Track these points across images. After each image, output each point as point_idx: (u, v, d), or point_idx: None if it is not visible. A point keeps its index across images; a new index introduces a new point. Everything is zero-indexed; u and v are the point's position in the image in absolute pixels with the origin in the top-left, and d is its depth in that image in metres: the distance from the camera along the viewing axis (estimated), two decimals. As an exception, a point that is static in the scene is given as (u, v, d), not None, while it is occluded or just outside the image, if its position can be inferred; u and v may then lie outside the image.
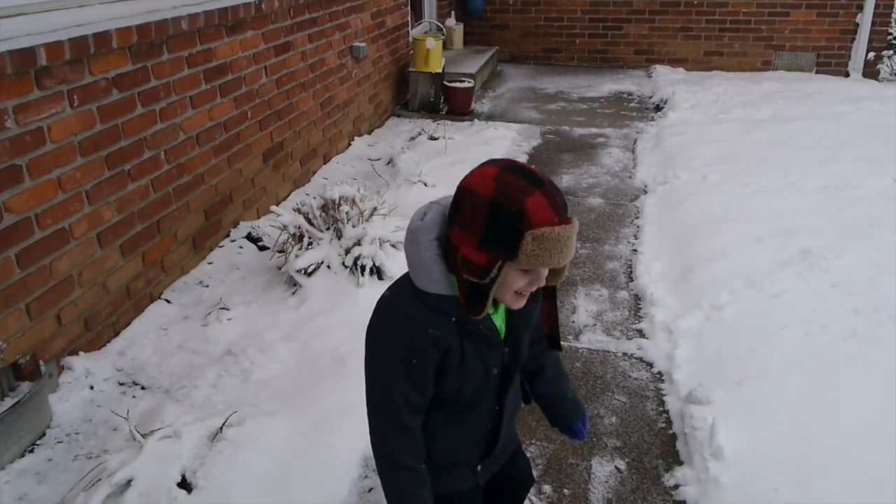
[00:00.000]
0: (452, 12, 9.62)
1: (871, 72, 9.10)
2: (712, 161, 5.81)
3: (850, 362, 3.25)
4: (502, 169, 1.45)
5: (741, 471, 2.64)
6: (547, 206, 1.42)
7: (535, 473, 2.75)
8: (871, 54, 9.10)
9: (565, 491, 2.69)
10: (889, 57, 8.98)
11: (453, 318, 1.56)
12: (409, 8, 7.84)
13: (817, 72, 9.27)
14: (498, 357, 1.68)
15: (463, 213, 1.46)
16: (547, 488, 2.69)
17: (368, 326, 1.63)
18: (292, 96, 5.21)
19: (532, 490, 2.67)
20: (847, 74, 9.20)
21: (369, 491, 2.65)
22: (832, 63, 9.27)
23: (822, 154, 5.96)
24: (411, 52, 7.58)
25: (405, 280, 1.60)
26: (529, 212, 1.40)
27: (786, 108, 7.47)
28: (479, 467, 1.82)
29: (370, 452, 2.75)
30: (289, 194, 5.22)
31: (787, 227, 4.56)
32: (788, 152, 6.02)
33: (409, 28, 7.99)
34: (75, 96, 3.13)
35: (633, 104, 8.16)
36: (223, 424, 2.74)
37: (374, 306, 1.64)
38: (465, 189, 1.47)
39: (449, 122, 7.04)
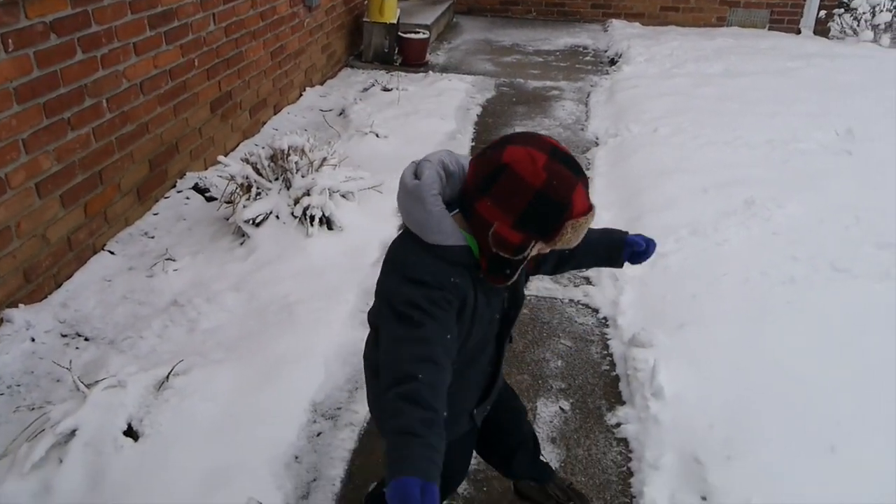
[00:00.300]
0: (408, -38, 9.44)
1: (822, 29, 9.22)
2: (664, 114, 5.86)
3: (786, 307, 3.35)
4: (550, 157, 1.46)
5: (679, 409, 2.73)
6: (585, 196, 1.49)
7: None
8: (823, 12, 9.21)
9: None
10: (840, 15, 9.10)
11: (468, 268, 1.56)
12: (362, -44, 7.67)
13: (770, 28, 9.37)
14: (499, 303, 1.71)
15: (501, 190, 1.47)
16: (492, 430, 2.75)
17: (385, 289, 1.57)
18: (241, 45, 5.08)
19: (477, 432, 2.73)
20: (799, 31, 9.31)
21: (318, 435, 2.67)
22: (785, 20, 9.37)
23: (770, 108, 6.05)
24: (366, 1, 7.43)
25: (409, 239, 1.57)
26: (574, 204, 1.46)
27: (738, 63, 7.55)
28: (475, 411, 1.85)
29: (319, 398, 2.80)
30: (238, 145, 5.13)
31: (734, 178, 4.64)
32: (738, 106, 6.10)
33: (363, -23, 7.83)
34: (10, 41, 3.00)
35: (588, 58, 8.15)
36: (169, 373, 2.72)
37: (382, 271, 1.60)
38: (507, 168, 1.46)
39: (403, 74, 6.95)
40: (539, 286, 3.71)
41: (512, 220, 1.47)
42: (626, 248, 1.92)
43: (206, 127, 4.70)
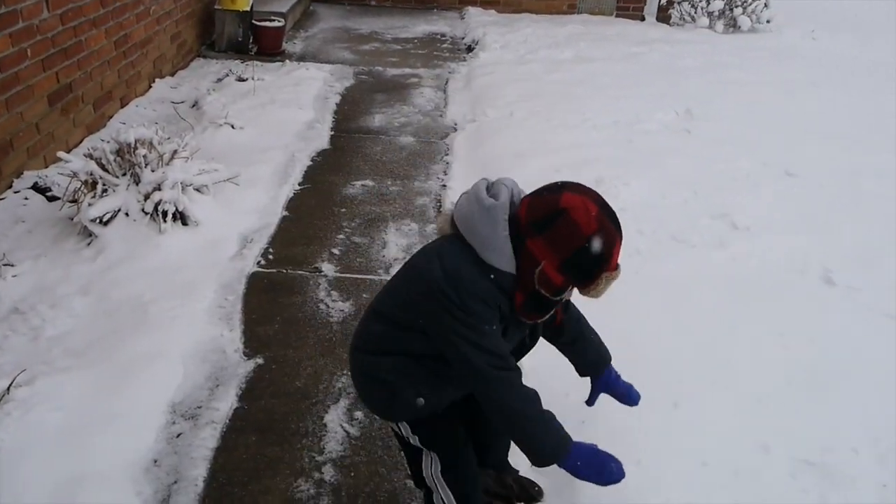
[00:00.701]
0: (259, -52, 9.19)
1: (663, 16, 9.78)
2: (518, 99, 6.06)
3: (633, 277, 3.53)
4: (601, 209, 1.64)
5: (538, 382, 2.83)
6: (620, 253, 1.67)
7: (345, 403, 2.83)
8: (665, 0, 9.76)
9: (377, 416, 2.78)
10: (679, 3, 9.67)
11: (510, 298, 1.71)
12: (210, -59, 7.39)
13: (617, 15, 9.84)
14: (518, 338, 1.89)
15: (556, 233, 1.62)
16: (359, 415, 2.77)
17: (442, 293, 1.66)
18: (81, 33, 4.79)
19: (344, 417, 2.75)
20: (643, 18, 9.84)
21: (178, 436, 2.59)
22: (630, 7, 9.87)
23: (616, 92, 6.39)
24: (216, -12, 7.18)
25: (465, 252, 1.68)
26: (613, 258, 1.65)
27: (587, 49, 7.90)
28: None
29: (178, 398, 2.73)
30: (82, 140, 4.83)
31: (584, 158, 4.87)
32: (587, 90, 6.40)
33: (212, -37, 7.55)
34: None
35: (445, 45, 8.27)
36: (10, 385, 2.56)
37: (435, 275, 1.69)
38: (565, 213, 1.61)
39: (259, 63, 6.78)
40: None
41: (559, 261, 1.63)
42: (605, 371, 2.14)
43: (45, 122, 4.40)
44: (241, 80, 6.11)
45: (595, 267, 1.64)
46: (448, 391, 1.94)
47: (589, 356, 2.13)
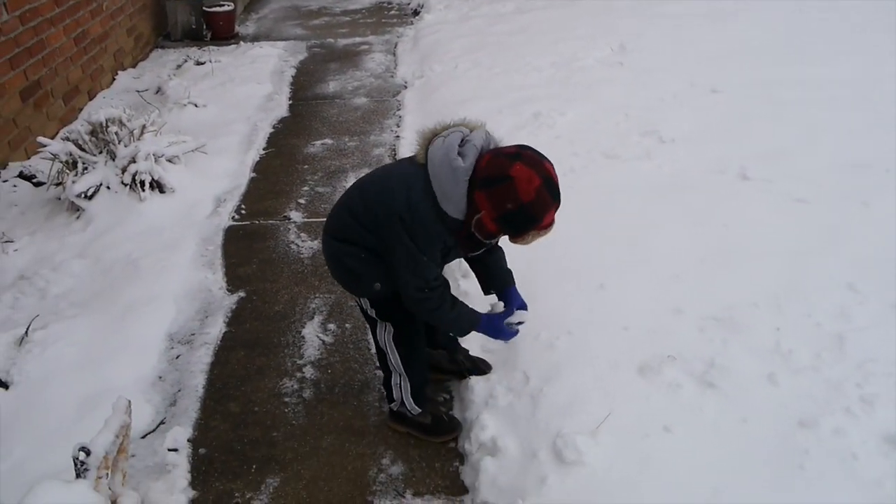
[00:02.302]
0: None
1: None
2: (462, 52, 6.44)
3: (567, 190, 3.94)
4: (543, 182, 1.94)
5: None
6: (553, 217, 2.00)
7: (319, 319, 3.26)
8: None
9: (347, 325, 3.21)
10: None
11: (457, 232, 2.09)
12: (153, -65, 7.66)
13: (556, -34, 10.14)
14: (457, 258, 2.33)
15: (497, 192, 1.93)
16: (332, 326, 3.20)
17: (399, 219, 2.03)
18: (41, 32, 5.11)
19: (319, 329, 3.18)
20: (581, -34, 10.14)
21: (177, 357, 3.02)
22: (567, -44, 10.16)
23: (555, 36, 6.79)
24: (164, -20, 7.47)
25: (427, 194, 2.01)
26: (542, 221, 1.98)
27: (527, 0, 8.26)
28: None
29: (174, 329, 3.14)
30: (56, 133, 5.17)
31: (523, 97, 5.28)
32: (527, 38, 6.79)
33: (158, -44, 7.82)
34: None
35: (392, 12, 8.62)
36: (27, 329, 2.96)
37: (399, 203, 2.04)
38: (510, 178, 1.91)
39: (215, 48, 7.12)
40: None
41: (495, 214, 1.96)
42: (510, 292, 2.50)
43: (20, 117, 4.75)
44: (199, 63, 6.46)
45: (524, 226, 1.99)
46: None
47: (496, 280, 2.53)
